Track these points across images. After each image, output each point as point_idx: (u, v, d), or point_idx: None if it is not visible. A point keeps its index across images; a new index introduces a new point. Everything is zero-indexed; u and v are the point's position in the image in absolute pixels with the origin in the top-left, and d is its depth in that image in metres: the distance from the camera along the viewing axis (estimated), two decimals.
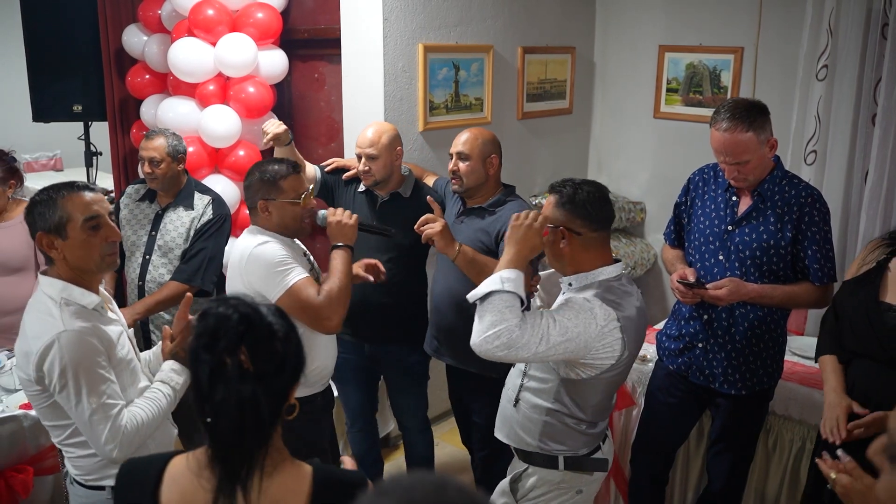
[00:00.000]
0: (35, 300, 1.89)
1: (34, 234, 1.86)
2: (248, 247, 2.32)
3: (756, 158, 2.38)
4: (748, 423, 2.64)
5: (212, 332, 1.29)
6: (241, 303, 1.33)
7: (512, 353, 1.89)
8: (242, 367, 1.27)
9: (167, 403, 1.95)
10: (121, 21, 4.10)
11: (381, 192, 2.95)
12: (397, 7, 3.44)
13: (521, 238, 2.00)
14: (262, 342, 1.29)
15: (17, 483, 2.40)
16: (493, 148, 2.77)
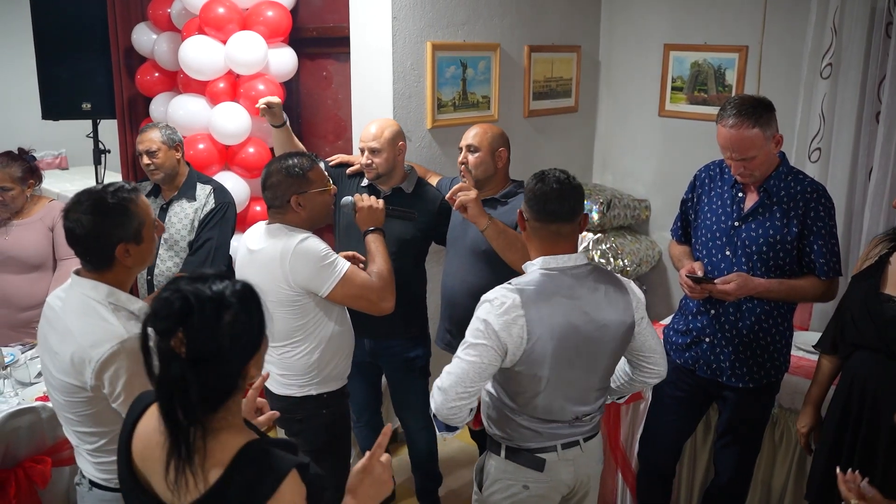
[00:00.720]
0: (79, 303, 1.86)
1: (112, 246, 1.84)
2: (290, 245, 2.31)
3: (762, 154, 2.41)
4: (755, 415, 2.67)
5: (153, 314, 1.34)
6: (196, 287, 1.35)
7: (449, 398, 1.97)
8: (173, 351, 1.31)
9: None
10: (130, 19, 4.13)
11: (383, 187, 2.98)
12: (406, 5, 3.47)
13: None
14: (200, 329, 1.32)
15: (35, 473, 2.43)
16: (502, 142, 2.86)
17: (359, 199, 2.54)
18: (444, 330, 2.99)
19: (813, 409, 2.50)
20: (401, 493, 3.50)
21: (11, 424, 2.47)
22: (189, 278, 1.38)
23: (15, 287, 3.20)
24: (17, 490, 2.40)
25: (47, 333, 1.92)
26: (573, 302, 2.02)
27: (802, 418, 2.52)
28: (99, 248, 1.84)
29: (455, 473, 3.64)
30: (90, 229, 1.82)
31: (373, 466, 1.55)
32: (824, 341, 2.49)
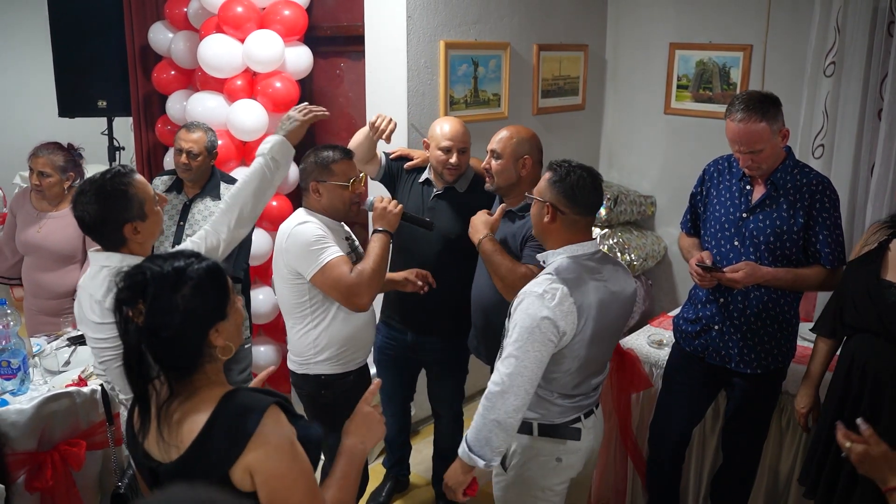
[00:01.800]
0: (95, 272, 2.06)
1: (120, 227, 2.01)
2: (289, 227, 2.47)
3: (769, 147, 2.50)
4: (762, 401, 2.75)
5: (118, 285, 1.46)
6: (157, 264, 1.47)
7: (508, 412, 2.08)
8: (131, 319, 1.43)
9: (256, 165, 2.28)
10: (146, 18, 4.21)
11: (438, 185, 2.98)
12: (420, 5, 3.56)
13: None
14: (159, 301, 1.43)
15: (70, 456, 2.51)
16: (528, 148, 2.74)
17: (378, 199, 2.62)
18: (473, 337, 3.00)
19: (812, 390, 2.60)
20: (416, 480, 3.58)
21: (48, 408, 2.55)
22: (159, 256, 1.50)
23: (47, 277, 3.32)
24: (53, 472, 2.48)
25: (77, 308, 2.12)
26: (600, 283, 2.18)
27: (802, 398, 2.62)
28: (108, 230, 2.03)
29: None
30: (97, 216, 2.01)
31: (360, 408, 1.73)
32: (822, 325, 2.57)
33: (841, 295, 2.48)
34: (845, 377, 2.39)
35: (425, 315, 3.01)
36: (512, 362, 2.07)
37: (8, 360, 2.66)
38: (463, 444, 2.14)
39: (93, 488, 2.72)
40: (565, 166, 2.21)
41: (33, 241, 3.32)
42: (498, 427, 2.07)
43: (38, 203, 3.39)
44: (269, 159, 2.33)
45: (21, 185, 6.32)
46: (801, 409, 2.62)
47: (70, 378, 2.78)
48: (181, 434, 1.44)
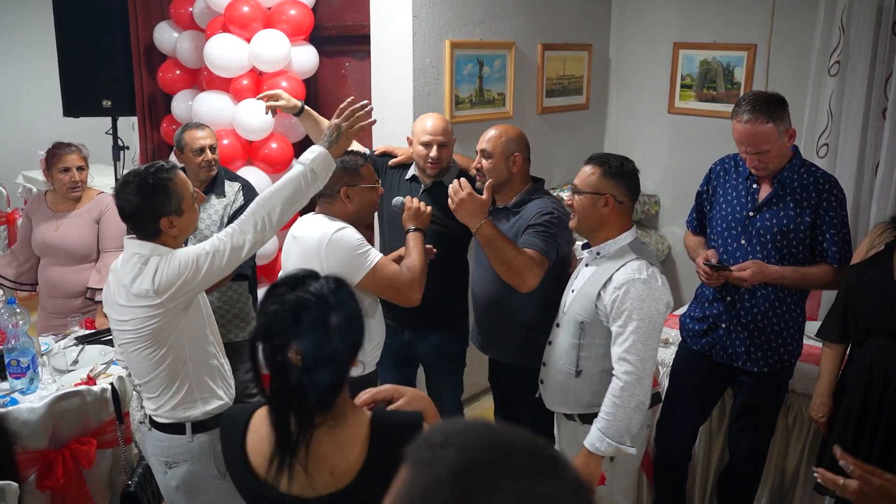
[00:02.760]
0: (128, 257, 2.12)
1: (156, 220, 2.07)
2: (327, 232, 2.40)
3: (776, 148, 2.51)
4: (769, 400, 2.76)
5: (267, 329, 1.42)
6: (297, 296, 1.42)
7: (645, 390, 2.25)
8: (290, 362, 1.40)
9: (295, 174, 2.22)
10: (151, 18, 4.22)
11: (425, 180, 3.02)
12: (426, 4, 3.56)
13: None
14: (313, 336, 1.40)
15: (81, 454, 2.53)
16: (517, 146, 2.76)
17: (409, 200, 2.62)
18: (476, 332, 3.01)
19: (828, 398, 2.54)
20: None
21: (59, 407, 2.57)
22: (286, 284, 1.46)
23: (62, 276, 3.35)
24: (63, 470, 2.50)
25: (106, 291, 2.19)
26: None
27: (820, 407, 2.56)
28: (145, 221, 2.09)
29: None
30: (137, 207, 2.06)
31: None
32: (829, 330, 2.54)
33: (848, 298, 2.45)
34: (865, 383, 2.36)
35: (420, 311, 3.02)
36: (640, 348, 2.21)
37: (17, 360, 2.68)
38: (596, 438, 2.23)
39: (103, 486, 2.73)
40: (614, 158, 2.35)
41: (50, 241, 3.36)
42: (638, 411, 2.22)
43: (54, 204, 3.44)
44: (309, 170, 2.24)
45: (24, 184, 6.33)
46: (821, 418, 2.56)
47: (79, 377, 2.79)
48: (333, 464, 1.43)
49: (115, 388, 2.69)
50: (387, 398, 1.58)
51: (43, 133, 6.94)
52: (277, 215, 2.20)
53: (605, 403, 2.24)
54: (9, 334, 2.76)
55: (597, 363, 2.38)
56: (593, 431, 2.25)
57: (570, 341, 2.41)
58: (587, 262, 2.46)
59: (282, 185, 2.23)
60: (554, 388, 2.50)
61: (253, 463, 1.51)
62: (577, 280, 2.48)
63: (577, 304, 2.40)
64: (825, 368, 2.57)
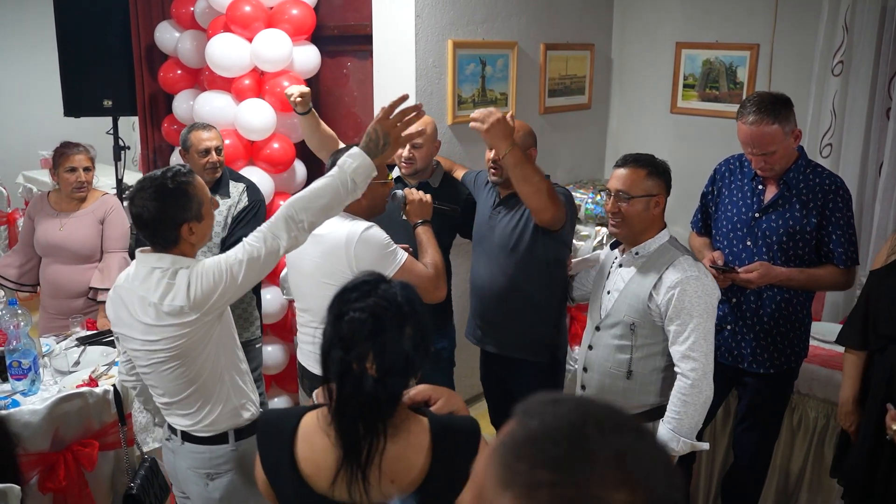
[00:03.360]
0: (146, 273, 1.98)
1: (177, 227, 1.96)
2: (355, 232, 2.36)
3: (782, 149, 2.50)
4: (774, 401, 2.75)
5: (347, 339, 1.40)
6: (374, 303, 1.41)
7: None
8: (366, 372, 1.39)
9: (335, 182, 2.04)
10: (151, 17, 4.21)
11: (411, 181, 3.02)
12: (428, 4, 3.55)
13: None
14: (388, 346, 1.39)
15: (83, 456, 2.52)
16: (531, 140, 2.83)
17: (409, 192, 2.61)
18: (474, 325, 3.01)
19: (855, 405, 2.50)
20: None
21: (61, 409, 2.55)
22: (358, 289, 1.43)
23: (65, 276, 3.36)
24: (66, 472, 2.48)
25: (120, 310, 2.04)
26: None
27: (848, 416, 2.52)
28: (165, 229, 1.97)
29: None
30: (156, 213, 1.95)
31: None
32: (850, 337, 2.51)
33: (869, 304, 2.43)
34: (886, 390, 2.33)
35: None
36: (702, 344, 2.24)
37: (19, 361, 2.66)
38: (670, 438, 2.24)
39: (105, 489, 2.72)
40: (649, 157, 2.38)
41: (54, 241, 3.36)
42: (706, 406, 2.26)
43: (58, 204, 3.43)
44: (350, 180, 2.03)
45: (24, 184, 6.32)
46: (851, 427, 2.52)
47: (80, 378, 2.78)
48: (395, 472, 1.42)
49: (117, 389, 2.68)
50: (425, 399, 1.56)
51: (43, 133, 6.93)
52: (312, 222, 2.04)
53: (674, 402, 2.25)
54: (10, 335, 2.75)
55: (647, 363, 2.37)
56: (665, 432, 2.25)
57: (619, 343, 2.39)
58: (622, 262, 2.44)
59: (320, 192, 2.03)
60: (600, 392, 2.45)
61: (304, 472, 1.48)
62: (613, 281, 2.45)
63: (624, 306, 2.37)
64: (848, 375, 2.54)
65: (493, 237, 2.87)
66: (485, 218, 2.94)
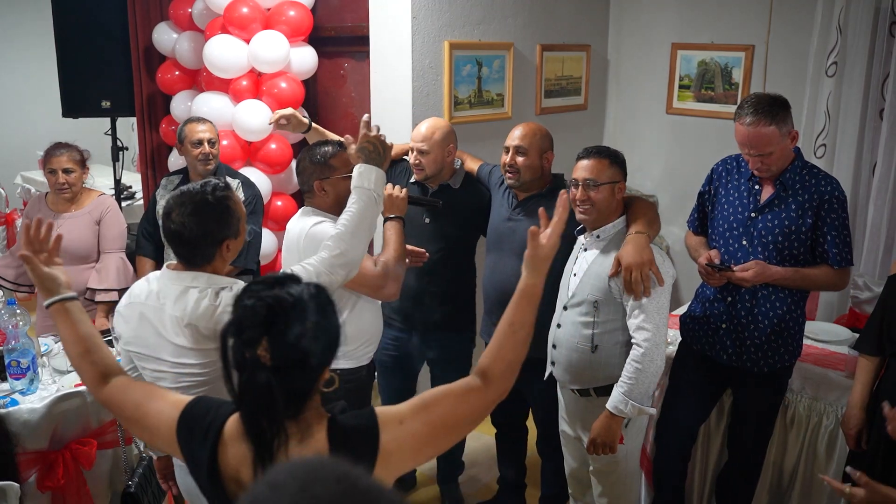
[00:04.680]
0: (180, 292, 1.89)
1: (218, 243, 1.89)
2: (305, 227, 2.44)
3: (778, 150, 2.52)
4: (768, 399, 2.77)
5: (237, 324, 1.38)
6: (276, 293, 1.38)
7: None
8: (260, 360, 1.35)
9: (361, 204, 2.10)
10: (150, 19, 4.22)
11: (431, 184, 3.02)
12: (425, 5, 3.57)
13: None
14: (285, 336, 1.35)
15: (81, 455, 2.53)
16: (549, 144, 2.88)
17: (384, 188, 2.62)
18: (490, 324, 3.01)
19: (861, 411, 2.52)
20: (421, 480, 3.60)
21: (59, 408, 2.57)
22: (265, 283, 1.41)
23: None
24: (64, 471, 2.50)
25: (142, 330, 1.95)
26: None
27: (851, 419, 2.54)
28: (206, 245, 1.89)
29: (475, 462, 3.73)
30: (197, 230, 1.87)
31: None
32: (866, 343, 2.54)
33: (885, 310, 2.44)
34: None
35: (428, 313, 3.03)
36: (654, 317, 2.40)
37: (17, 360, 2.67)
38: (619, 401, 2.41)
39: (103, 487, 2.74)
40: (606, 148, 2.59)
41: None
42: (657, 374, 2.42)
43: (54, 204, 3.44)
44: (375, 195, 2.13)
45: (23, 185, 6.32)
46: (851, 430, 2.55)
47: (79, 378, 2.78)
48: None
49: None
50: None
51: (42, 133, 6.92)
52: (358, 253, 2.09)
53: (627, 369, 2.42)
54: (9, 335, 2.76)
55: (611, 337, 2.52)
56: (616, 396, 2.42)
57: (583, 320, 2.54)
58: (586, 246, 2.60)
59: (358, 222, 2.09)
60: (568, 368, 2.60)
61: (224, 475, 1.44)
62: (578, 264, 2.61)
63: (588, 286, 2.53)
64: (859, 380, 2.56)
65: (515, 240, 2.83)
66: (502, 219, 2.94)
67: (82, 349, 1.69)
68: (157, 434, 1.55)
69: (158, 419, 1.53)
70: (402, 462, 1.46)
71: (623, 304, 2.46)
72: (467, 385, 1.55)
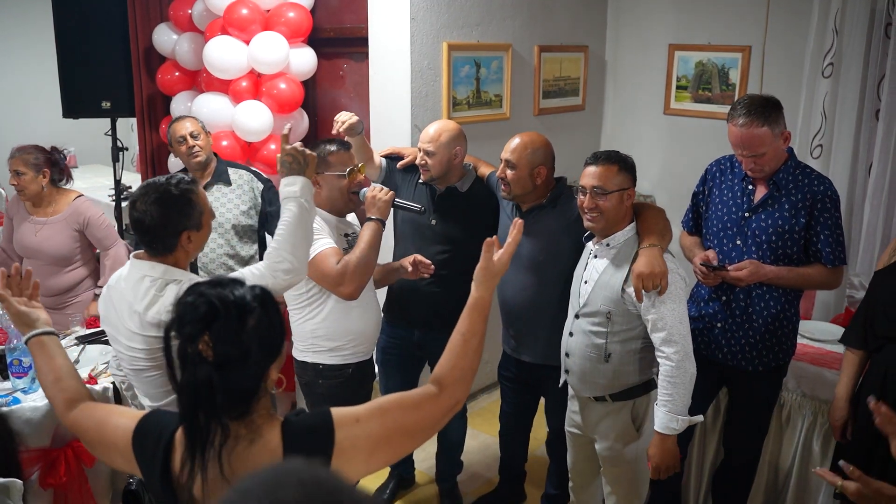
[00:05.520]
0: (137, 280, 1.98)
1: (178, 234, 1.96)
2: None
3: (771, 150, 2.54)
4: (763, 398, 2.80)
5: (179, 319, 1.39)
6: (218, 292, 1.40)
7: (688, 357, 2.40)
8: (201, 355, 1.36)
9: (292, 213, 2.13)
10: (150, 20, 4.25)
11: (439, 186, 3.01)
12: (423, 7, 3.59)
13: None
14: (226, 332, 1.37)
15: (83, 453, 2.55)
16: (542, 158, 2.76)
17: (370, 188, 2.62)
18: (508, 336, 3.03)
19: (846, 403, 2.55)
20: (420, 478, 3.62)
21: None
22: (209, 283, 1.44)
23: (46, 280, 3.33)
24: (66, 468, 2.52)
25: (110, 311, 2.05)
26: None
27: (836, 411, 2.57)
28: (166, 235, 1.96)
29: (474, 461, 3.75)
30: (158, 219, 1.94)
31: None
32: (852, 337, 2.56)
33: (869, 305, 2.47)
34: (880, 391, 2.36)
35: (430, 311, 3.05)
36: (679, 328, 2.37)
37: (19, 359, 2.69)
38: (668, 420, 2.37)
39: (105, 485, 2.75)
40: (616, 153, 2.48)
41: (31, 245, 3.38)
42: (692, 382, 2.39)
43: (33, 209, 3.41)
44: (304, 203, 2.17)
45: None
46: (837, 422, 2.58)
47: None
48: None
49: (116, 386, 2.71)
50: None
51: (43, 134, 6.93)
52: (296, 258, 2.14)
53: (664, 385, 2.37)
54: (11, 334, 2.78)
55: (624, 346, 2.49)
56: (662, 416, 2.38)
57: (596, 330, 2.51)
58: (595, 254, 2.54)
59: (293, 230, 2.14)
60: (581, 376, 2.59)
61: (176, 482, 1.45)
62: (588, 271, 2.55)
63: (600, 296, 2.48)
64: (844, 373, 2.59)
65: (521, 253, 2.80)
66: (507, 230, 2.93)
67: (53, 378, 1.75)
68: (116, 449, 1.56)
69: (115, 434, 1.56)
70: (356, 463, 1.46)
71: (641, 316, 2.42)
72: (423, 392, 1.59)
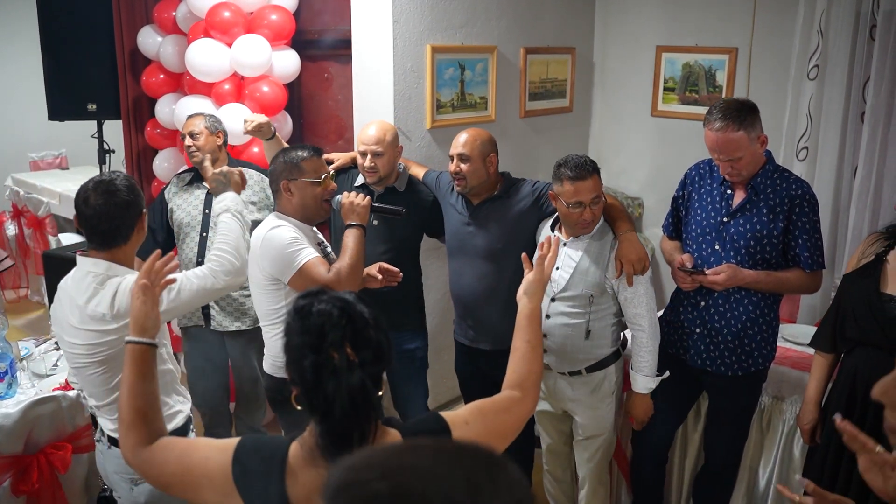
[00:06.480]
0: (81, 277, 2.05)
1: (123, 230, 2.05)
2: (262, 233, 2.46)
3: (748, 155, 2.53)
4: (743, 402, 2.78)
5: (318, 331, 1.35)
6: (334, 297, 1.39)
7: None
8: (349, 359, 1.34)
9: (226, 224, 2.32)
10: (135, 22, 4.23)
11: (377, 187, 3.04)
12: (406, 9, 3.58)
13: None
14: (361, 332, 1.37)
15: (56, 459, 2.54)
16: (490, 147, 2.89)
17: (345, 196, 2.60)
18: (466, 327, 3.04)
19: (815, 406, 2.55)
20: None
21: (34, 412, 2.58)
22: (309, 296, 1.41)
23: None
24: (39, 475, 2.51)
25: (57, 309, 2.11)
26: None
27: (805, 415, 2.57)
28: (111, 231, 2.04)
29: None
30: (104, 214, 2.01)
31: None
32: (821, 340, 2.55)
33: (839, 308, 2.46)
34: (849, 392, 2.36)
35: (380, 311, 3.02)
36: (648, 301, 2.65)
37: None
38: (648, 381, 2.70)
39: (79, 491, 2.74)
40: (587, 161, 2.65)
41: None
42: (658, 342, 2.70)
43: None
44: (238, 213, 2.37)
45: (13, 187, 6.33)
46: (806, 425, 2.58)
47: (58, 381, 2.80)
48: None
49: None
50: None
51: (32, 136, 6.97)
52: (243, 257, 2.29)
53: (640, 354, 2.69)
54: None
55: (602, 322, 2.70)
56: (640, 379, 2.70)
57: (577, 311, 2.68)
58: (565, 241, 2.70)
59: (233, 235, 2.30)
60: (562, 354, 2.73)
61: (294, 495, 1.38)
62: (560, 258, 2.68)
63: (582, 281, 2.66)
64: (814, 377, 2.58)
65: (478, 244, 2.91)
66: (460, 225, 2.97)
67: (142, 403, 1.61)
68: (210, 483, 1.45)
69: (206, 467, 1.46)
70: None
71: (616, 295, 2.67)
72: (509, 396, 1.67)
